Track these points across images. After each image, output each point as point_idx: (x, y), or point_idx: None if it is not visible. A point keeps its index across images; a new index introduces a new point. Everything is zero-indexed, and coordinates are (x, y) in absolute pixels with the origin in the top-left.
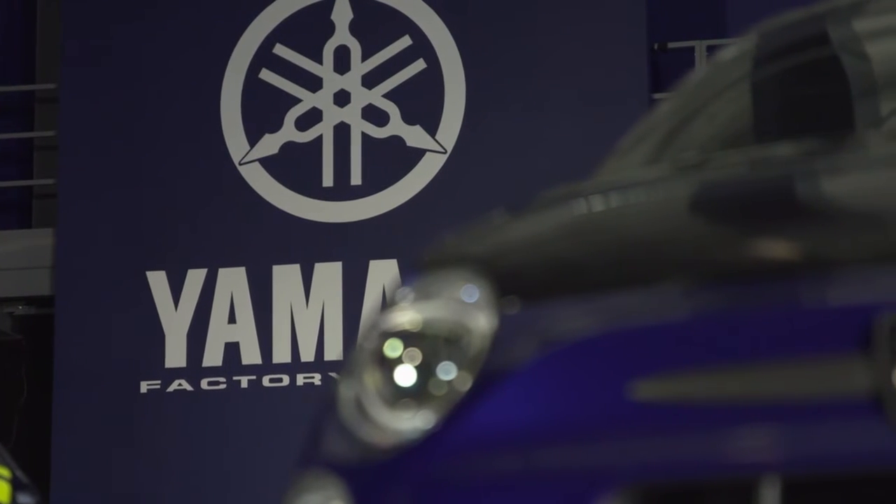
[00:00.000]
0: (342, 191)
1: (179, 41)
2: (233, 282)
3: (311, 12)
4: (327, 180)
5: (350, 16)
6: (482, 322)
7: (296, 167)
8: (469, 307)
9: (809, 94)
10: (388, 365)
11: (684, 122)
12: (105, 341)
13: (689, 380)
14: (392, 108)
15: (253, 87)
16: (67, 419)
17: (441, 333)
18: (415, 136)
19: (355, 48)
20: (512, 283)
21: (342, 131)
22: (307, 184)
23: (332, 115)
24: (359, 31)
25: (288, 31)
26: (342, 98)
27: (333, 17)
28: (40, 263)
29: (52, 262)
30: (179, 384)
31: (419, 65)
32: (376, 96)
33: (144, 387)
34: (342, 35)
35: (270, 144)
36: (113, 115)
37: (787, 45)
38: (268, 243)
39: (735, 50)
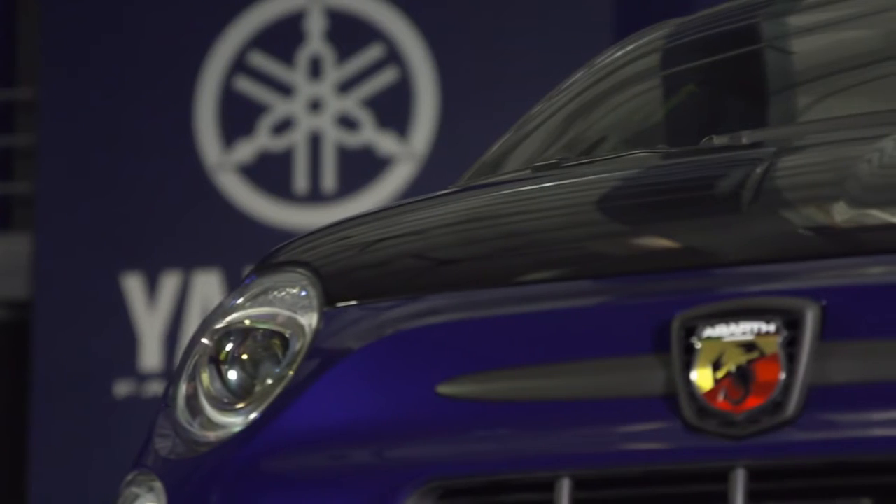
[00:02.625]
0: (315, 197)
1: (155, 49)
2: (207, 285)
3: (284, 20)
4: (300, 186)
5: (323, 24)
6: (307, 321)
7: (269, 173)
8: (297, 307)
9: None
10: (219, 363)
11: (562, 124)
12: (82, 344)
13: (492, 378)
14: (365, 116)
15: (227, 94)
16: (44, 422)
17: (269, 332)
18: (387, 143)
19: (328, 56)
20: (340, 284)
21: (315, 138)
22: (280, 190)
23: (306, 123)
24: (332, 39)
25: (262, 39)
26: (315, 105)
27: (307, 25)
28: (18, 267)
29: (30, 265)
30: (155, 387)
31: (392, 72)
32: (349, 103)
33: (120, 389)
34: (315, 43)
35: (244, 151)
36: (91, 121)
37: (659, 49)
38: (241, 247)
39: (615, 53)
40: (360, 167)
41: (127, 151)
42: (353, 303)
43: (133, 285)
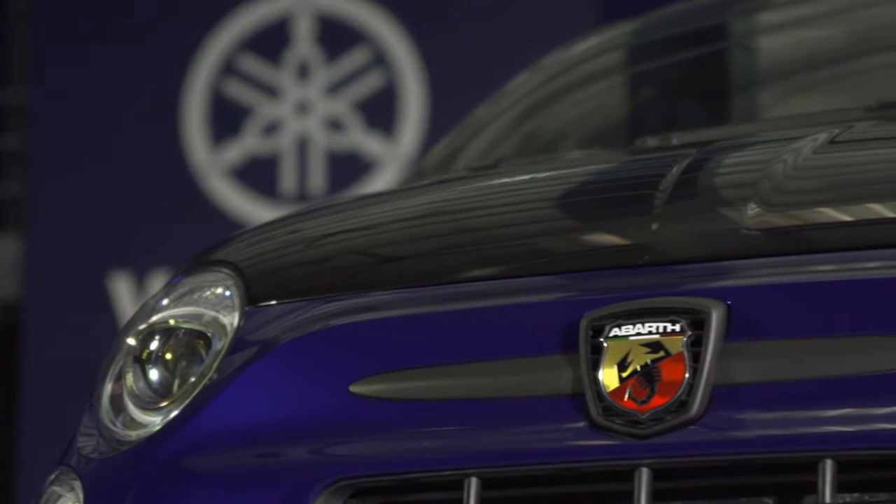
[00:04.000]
0: (302, 199)
1: (143, 52)
2: None
3: (271, 23)
4: (288, 189)
5: (311, 27)
6: (229, 321)
7: (257, 175)
8: (220, 307)
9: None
10: (143, 362)
11: (507, 125)
12: (71, 345)
13: (403, 378)
14: (352, 119)
15: (215, 97)
16: (34, 422)
17: (193, 332)
18: (375, 145)
19: (316, 59)
20: (263, 283)
21: (302, 141)
22: (268, 192)
23: (293, 125)
24: (319, 42)
25: (249, 42)
26: (303, 108)
27: (294, 28)
28: (7, 268)
29: (19, 267)
30: None
31: (379, 75)
32: (337, 106)
33: None
34: (303, 46)
35: (232, 153)
36: (80, 124)
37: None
38: None
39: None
40: (348, 170)
41: (115, 153)
42: (274, 302)
43: (122, 286)
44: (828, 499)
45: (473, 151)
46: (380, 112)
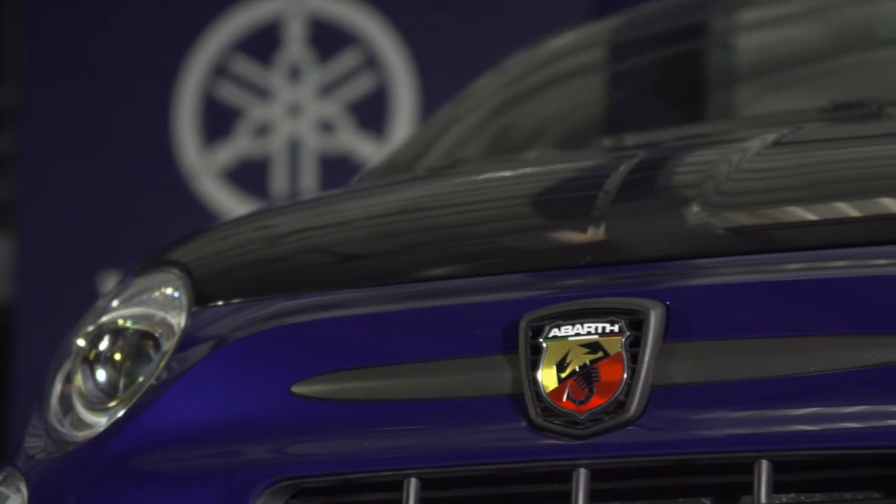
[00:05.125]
0: None
1: (134, 54)
2: None
3: (263, 25)
4: (279, 190)
5: (302, 29)
6: (177, 321)
7: (248, 177)
8: (169, 307)
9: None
10: (92, 362)
11: (471, 126)
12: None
13: (344, 378)
14: (344, 120)
15: (206, 99)
16: (26, 423)
17: (142, 332)
18: (366, 147)
19: (307, 61)
20: (212, 284)
21: (294, 142)
22: (260, 194)
23: (285, 127)
24: (311, 44)
25: (241, 44)
26: (294, 110)
27: (286, 30)
28: None
29: (10, 268)
30: None
31: (371, 77)
32: (328, 108)
33: None
34: (294, 48)
35: (223, 155)
36: (72, 125)
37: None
38: None
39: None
40: (339, 171)
41: (107, 155)
42: (221, 303)
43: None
44: (763, 499)
45: (438, 152)
46: (371, 114)
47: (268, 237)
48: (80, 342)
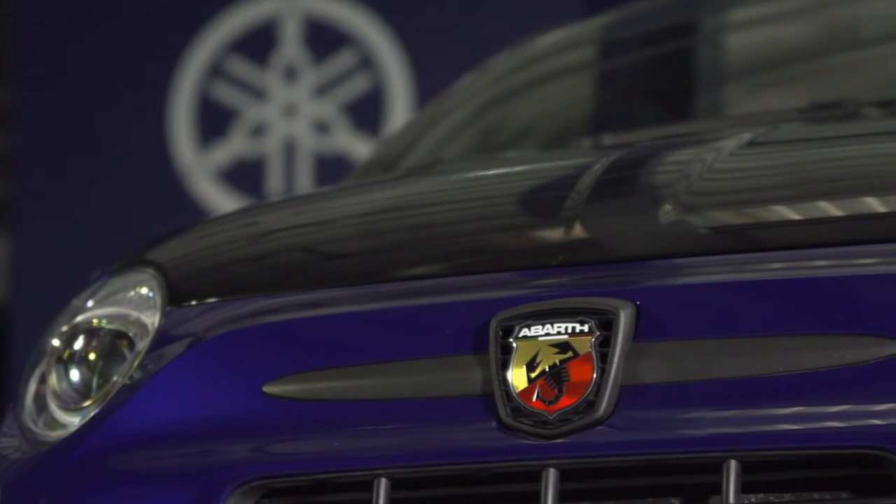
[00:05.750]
0: None
1: (129, 54)
2: None
3: (258, 26)
4: (274, 191)
5: (297, 29)
6: (150, 321)
7: (243, 178)
8: (143, 307)
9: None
10: (66, 362)
11: (453, 125)
12: None
13: (315, 378)
14: (339, 121)
15: (202, 99)
16: None
17: (116, 332)
18: (362, 148)
19: (303, 61)
20: (186, 284)
21: (289, 143)
22: (254, 194)
23: (280, 127)
24: (306, 45)
25: (236, 45)
26: (290, 110)
27: (281, 30)
28: None
29: (6, 268)
30: None
31: (366, 78)
32: (324, 109)
33: None
34: (290, 48)
35: (219, 156)
36: (67, 126)
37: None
38: None
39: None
40: (335, 172)
41: (102, 155)
42: (195, 302)
43: None
44: (731, 499)
45: (419, 152)
46: (367, 114)
47: (243, 237)
48: (55, 342)
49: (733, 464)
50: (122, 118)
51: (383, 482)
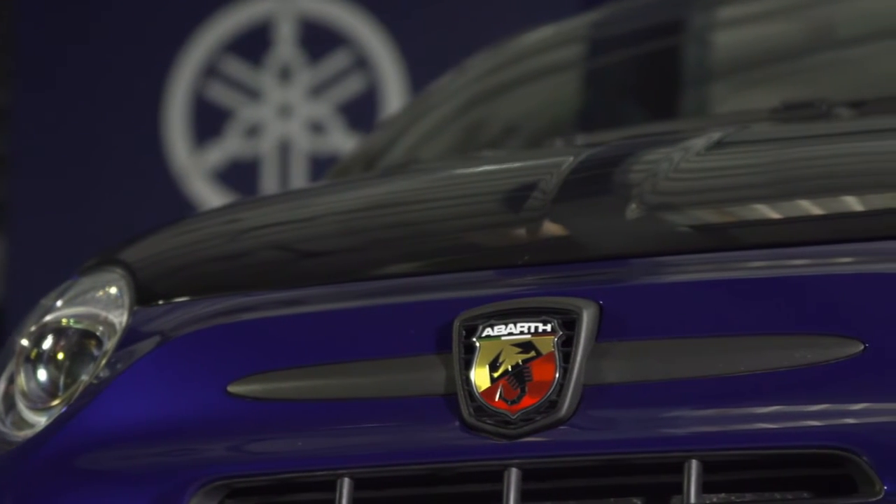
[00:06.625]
0: None
1: (124, 55)
2: None
3: (253, 26)
4: (269, 191)
5: (292, 30)
6: (118, 320)
7: (238, 178)
8: (111, 307)
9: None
10: (34, 362)
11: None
12: None
13: (279, 378)
14: (334, 122)
15: (196, 99)
16: None
17: (85, 332)
18: None
19: (298, 61)
20: (155, 283)
21: (284, 143)
22: (249, 194)
23: (275, 128)
24: (301, 45)
25: (231, 45)
26: (285, 111)
27: (276, 30)
28: None
29: (1, 267)
30: None
31: (361, 78)
32: (319, 109)
33: None
34: (285, 48)
35: (214, 156)
36: (62, 127)
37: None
38: None
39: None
40: None
41: (98, 155)
42: (163, 302)
43: None
44: (693, 499)
45: (399, 151)
46: (361, 115)
47: (214, 236)
48: (24, 342)
49: (694, 463)
50: (117, 119)
51: (346, 482)
